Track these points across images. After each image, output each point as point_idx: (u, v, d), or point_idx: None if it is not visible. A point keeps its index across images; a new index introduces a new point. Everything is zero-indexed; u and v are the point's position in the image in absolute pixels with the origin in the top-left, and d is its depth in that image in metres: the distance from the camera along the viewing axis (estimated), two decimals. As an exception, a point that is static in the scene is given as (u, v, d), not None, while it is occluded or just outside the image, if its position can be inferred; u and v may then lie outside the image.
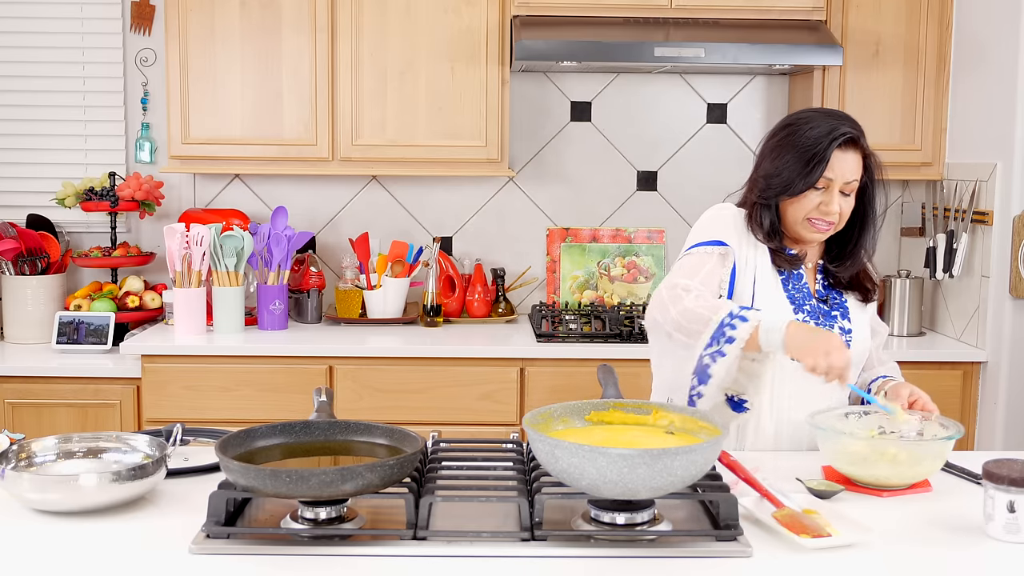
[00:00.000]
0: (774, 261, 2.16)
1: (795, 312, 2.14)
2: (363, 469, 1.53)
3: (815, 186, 2.09)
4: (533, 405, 3.23)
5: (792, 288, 2.17)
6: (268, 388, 3.25)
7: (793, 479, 1.90)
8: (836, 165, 2.09)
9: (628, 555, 1.54)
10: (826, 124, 2.10)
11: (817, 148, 2.08)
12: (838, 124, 2.11)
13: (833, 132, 2.09)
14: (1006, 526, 1.61)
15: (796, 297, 2.16)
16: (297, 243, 3.52)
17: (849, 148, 2.10)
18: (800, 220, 2.13)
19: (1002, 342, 3.26)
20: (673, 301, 2.04)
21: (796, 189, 2.10)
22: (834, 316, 2.19)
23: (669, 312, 2.04)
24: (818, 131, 2.09)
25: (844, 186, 2.10)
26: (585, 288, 3.86)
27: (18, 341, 3.54)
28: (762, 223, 2.15)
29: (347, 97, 3.47)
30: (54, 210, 3.73)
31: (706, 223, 2.20)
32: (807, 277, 2.20)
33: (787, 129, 2.15)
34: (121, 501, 1.70)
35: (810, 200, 2.11)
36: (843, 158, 2.09)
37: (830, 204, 2.10)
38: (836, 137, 2.08)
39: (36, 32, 3.73)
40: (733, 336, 1.95)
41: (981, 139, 3.36)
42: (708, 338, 1.97)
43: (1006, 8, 3.22)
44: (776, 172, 2.12)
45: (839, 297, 2.22)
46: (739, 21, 3.42)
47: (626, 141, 3.88)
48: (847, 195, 2.12)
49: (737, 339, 1.94)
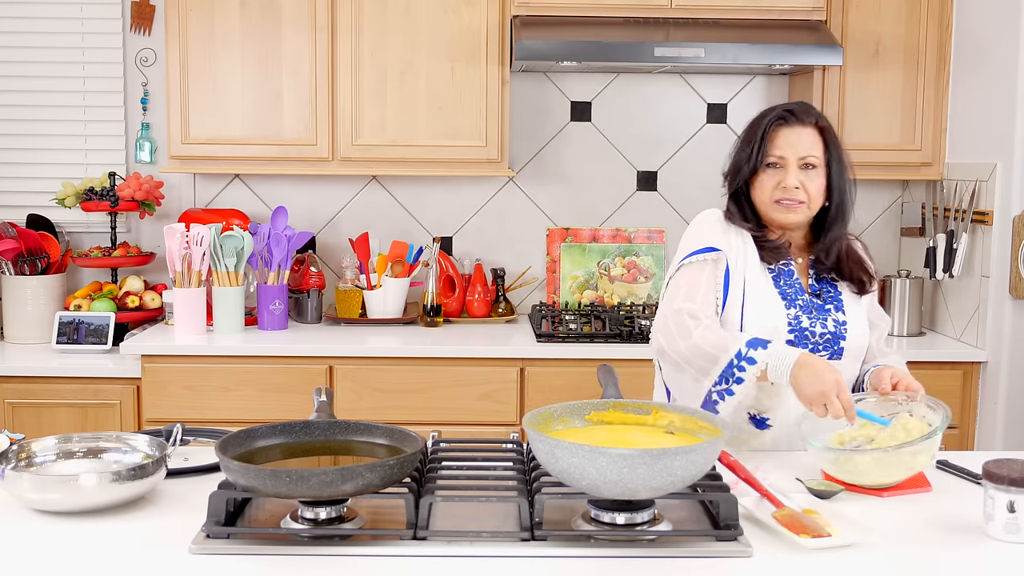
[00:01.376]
0: (762, 258, 2.18)
1: (787, 308, 2.15)
2: (363, 469, 1.53)
3: (767, 164, 2.16)
4: (533, 405, 3.23)
5: (784, 284, 2.18)
6: (268, 388, 3.25)
7: (793, 479, 1.90)
8: (780, 142, 2.15)
9: (628, 555, 1.54)
10: (773, 110, 2.20)
11: (757, 128, 2.18)
12: (782, 106, 2.20)
13: (772, 112, 2.19)
14: (1006, 526, 1.61)
15: (788, 293, 2.18)
16: (297, 243, 3.52)
17: (796, 124, 2.16)
18: (768, 202, 2.17)
19: (1002, 342, 3.26)
20: (682, 334, 2.06)
21: (747, 171, 2.17)
22: (827, 310, 2.19)
23: (678, 345, 2.06)
24: (758, 115, 2.22)
25: (799, 161, 2.14)
26: (585, 288, 3.86)
27: (18, 341, 3.54)
28: (741, 213, 2.21)
29: (347, 97, 3.47)
30: (54, 210, 3.73)
31: (694, 230, 2.24)
32: (798, 274, 2.21)
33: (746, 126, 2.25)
34: (121, 501, 1.70)
35: (767, 180, 2.16)
36: (787, 133, 2.16)
37: (787, 179, 2.14)
38: (773, 117, 2.17)
39: (36, 32, 3.73)
40: (742, 377, 1.99)
41: (981, 139, 3.36)
42: (717, 376, 2.02)
43: (1006, 8, 3.22)
44: (734, 163, 2.22)
45: (833, 290, 2.22)
46: (739, 21, 3.42)
47: (626, 141, 3.88)
48: (809, 169, 2.15)
49: (746, 380, 1.99)
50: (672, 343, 2.07)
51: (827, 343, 2.16)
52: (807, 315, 2.16)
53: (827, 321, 2.17)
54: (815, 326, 2.15)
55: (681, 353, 2.06)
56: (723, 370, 2.00)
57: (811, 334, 2.15)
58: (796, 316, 2.15)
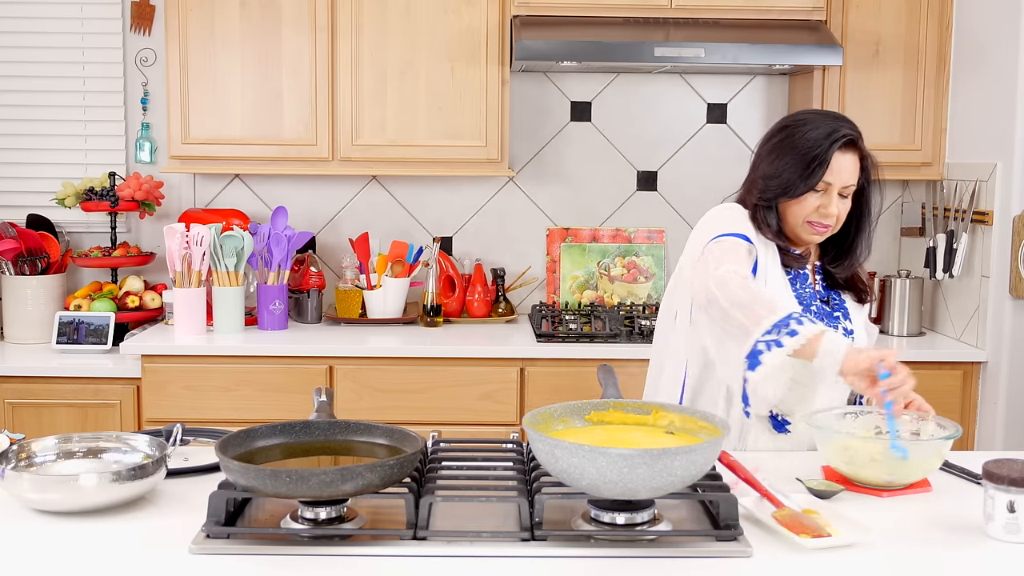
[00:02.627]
0: (783, 261, 2.16)
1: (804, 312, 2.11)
2: (363, 469, 1.53)
3: (815, 188, 2.09)
4: (533, 405, 3.23)
5: (799, 288, 2.17)
6: (268, 388, 3.25)
7: (793, 479, 1.90)
8: (835, 168, 2.08)
9: (628, 555, 1.54)
10: (826, 126, 2.10)
11: (817, 150, 2.07)
12: (838, 126, 2.10)
13: (834, 134, 2.08)
14: (1006, 526, 1.61)
15: (803, 296, 2.16)
16: (297, 243, 3.52)
17: (848, 150, 2.10)
18: (800, 223, 2.13)
19: (1002, 342, 3.26)
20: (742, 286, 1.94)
21: (796, 191, 2.09)
22: (836, 317, 2.19)
23: (731, 288, 1.93)
24: (818, 133, 2.09)
25: (843, 189, 2.10)
26: (585, 288, 3.86)
27: (18, 341, 3.54)
28: (768, 223, 2.14)
29: (347, 97, 3.47)
30: (54, 210, 3.73)
31: (720, 219, 2.15)
32: (810, 278, 2.21)
33: (786, 131, 2.14)
34: (121, 501, 1.70)
35: (809, 202, 2.10)
36: (842, 160, 2.09)
37: (828, 207, 2.10)
38: (837, 139, 2.08)
39: (36, 32, 3.73)
40: (796, 330, 1.85)
41: (981, 139, 3.36)
42: (770, 324, 1.87)
43: (1006, 8, 3.22)
44: (775, 174, 2.11)
45: (838, 298, 2.22)
46: (739, 21, 3.42)
47: (626, 141, 3.88)
48: (844, 197, 2.12)
49: (800, 333, 1.84)
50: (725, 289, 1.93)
51: None
52: (821, 320, 2.15)
53: (837, 328, 2.16)
54: None
55: (739, 298, 1.91)
56: (780, 320, 1.86)
57: None
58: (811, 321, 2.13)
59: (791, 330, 1.85)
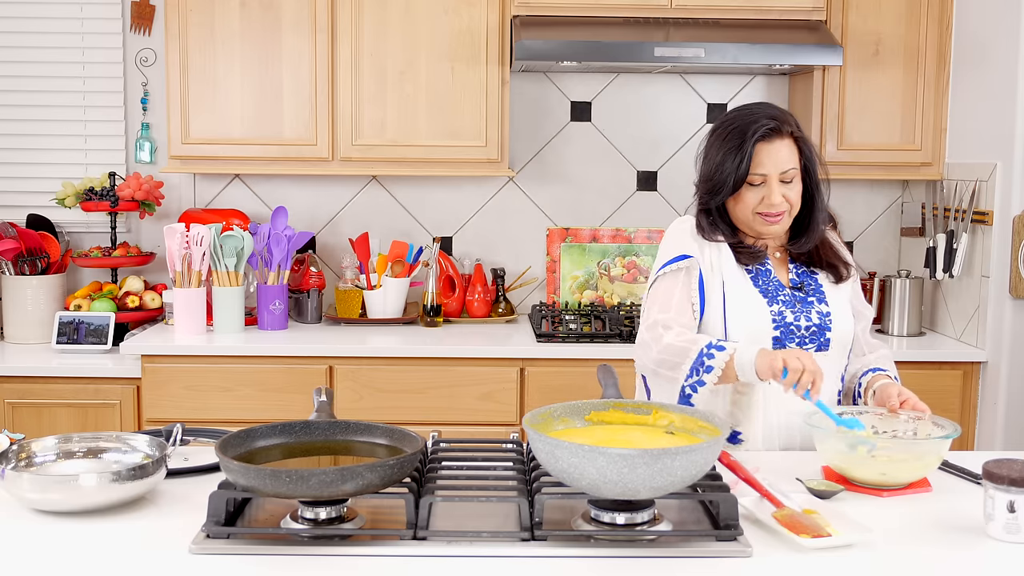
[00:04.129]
0: (738, 260, 2.18)
1: (769, 304, 2.16)
2: (363, 469, 1.53)
3: (750, 183, 2.11)
4: (533, 405, 3.23)
5: (763, 283, 2.19)
6: (268, 388, 3.25)
7: (793, 479, 1.90)
8: (764, 159, 2.10)
9: (628, 555, 1.54)
10: (745, 120, 2.12)
11: (739, 144, 2.10)
12: (757, 117, 2.12)
13: (752, 126, 2.10)
14: (1006, 526, 1.61)
15: (768, 290, 2.18)
16: (297, 243, 3.52)
17: (775, 138, 2.10)
18: (750, 216, 2.15)
19: (1002, 342, 3.26)
20: (655, 340, 2.11)
21: (728, 189, 2.12)
22: (811, 302, 2.19)
23: (651, 351, 2.12)
24: (737, 127, 2.12)
25: (781, 175, 2.11)
26: (585, 288, 3.86)
27: (18, 341, 3.54)
28: (716, 225, 2.18)
29: (347, 97, 3.47)
30: (54, 210, 3.73)
31: (668, 239, 2.25)
32: (776, 270, 2.22)
33: (713, 133, 2.18)
34: (121, 501, 1.70)
35: (750, 197, 2.13)
36: (769, 149, 2.10)
37: (771, 196, 2.11)
38: (755, 132, 2.10)
39: (36, 32, 3.73)
40: (711, 365, 2.02)
41: (981, 139, 3.36)
42: (688, 368, 2.04)
43: (1006, 8, 3.22)
44: (708, 176, 2.16)
45: (814, 282, 2.23)
46: (739, 21, 3.42)
47: (626, 141, 3.88)
48: (788, 183, 2.13)
49: (715, 367, 2.01)
50: (647, 352, 2.13)
51: (813, 335, 2.16)
52: (791, 309, 2.17)
53: (811, 314, 2.17)
54: (799, 319, 2.16)
55: (654, 358, 2.10)
56: (694, 361, 2.03)
57: (796, 328, 2.15)
58: (780, 312, 2.16)
59: (707, 366, 2.02)
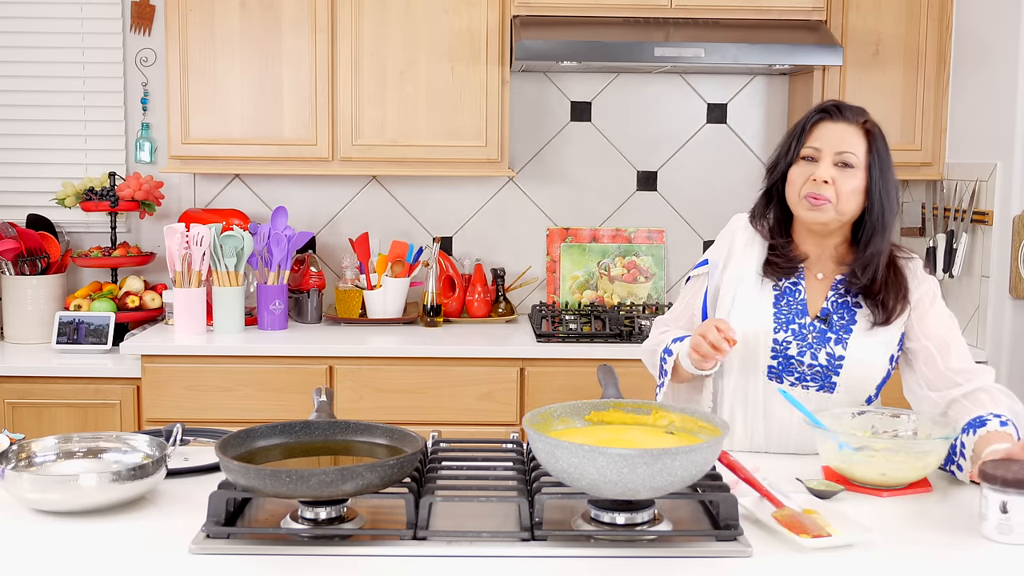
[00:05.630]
0: (769, 270, 2.12)
1: (776, 331, 2.08)
2: (363, 469, 1.53)
3: (803, 156, 2.07)
4: (533, 405, 3.23)
5: (785, 304, 2.11)
6: (268, 388, 3.25)
7: (793, 479, 1.90)
8: (819, 134, 2.07)
9: (628, 555, 1.54)
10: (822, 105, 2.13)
11: (803, 122, 2.11)
12: (831, 101, 2.13)
13: (820, 106, 2.12)
14: (999, 526, 1.61)
15: (783, 314, 2.09)
16: (297, 243, 3.52)
17: (839, 120, 2.06)
18: (797, 199, 2.06)
19: (1002, 342, 3.26)
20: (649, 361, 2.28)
21: (784, 165, 2.10)
22: (828, 339, 2.07)
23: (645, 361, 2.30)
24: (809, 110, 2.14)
25: (836, 156, 2.03)
26: (585, 288, 3.86)
27: (18, 341, 3.54)
28: (765, 215, 2.16)
29: (347, 97, 3.47)
30: (54, 210, 3.73)
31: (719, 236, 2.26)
32: (808, 291, 2.11)
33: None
34: (121, 501, 1.70)
35: (800, 172, 2.06)
36: (830, 128, 2.06)
37: (819, 171, 2.02)
38: (819, 108, 2.10)
39: (36, 32, 3.73)
40: (666, 369, 2.14)
41: (981, 139, 3.36)
42: (658, 373, 2.20)
43: (1006, 8, 3.22)
44: (774, 157, 2.16)
45: (847, 318, 2.08)
46: (739, 21, 3.42)
47: (626, 141, 3.88)
48: (845, 168, 2.03)
49: (668, 370, 2.14)
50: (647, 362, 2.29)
51: (816, 375, 2.08)
52: (800, 341, 2.07)
53: (819, 353, 2.06)
54: (804, 355, 2.07)
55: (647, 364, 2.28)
56: (659, 366, 2.18)
57: (799, 363, 2.07)
58: (784, 342, 2.08)
59: (663, 369, 2.16)
